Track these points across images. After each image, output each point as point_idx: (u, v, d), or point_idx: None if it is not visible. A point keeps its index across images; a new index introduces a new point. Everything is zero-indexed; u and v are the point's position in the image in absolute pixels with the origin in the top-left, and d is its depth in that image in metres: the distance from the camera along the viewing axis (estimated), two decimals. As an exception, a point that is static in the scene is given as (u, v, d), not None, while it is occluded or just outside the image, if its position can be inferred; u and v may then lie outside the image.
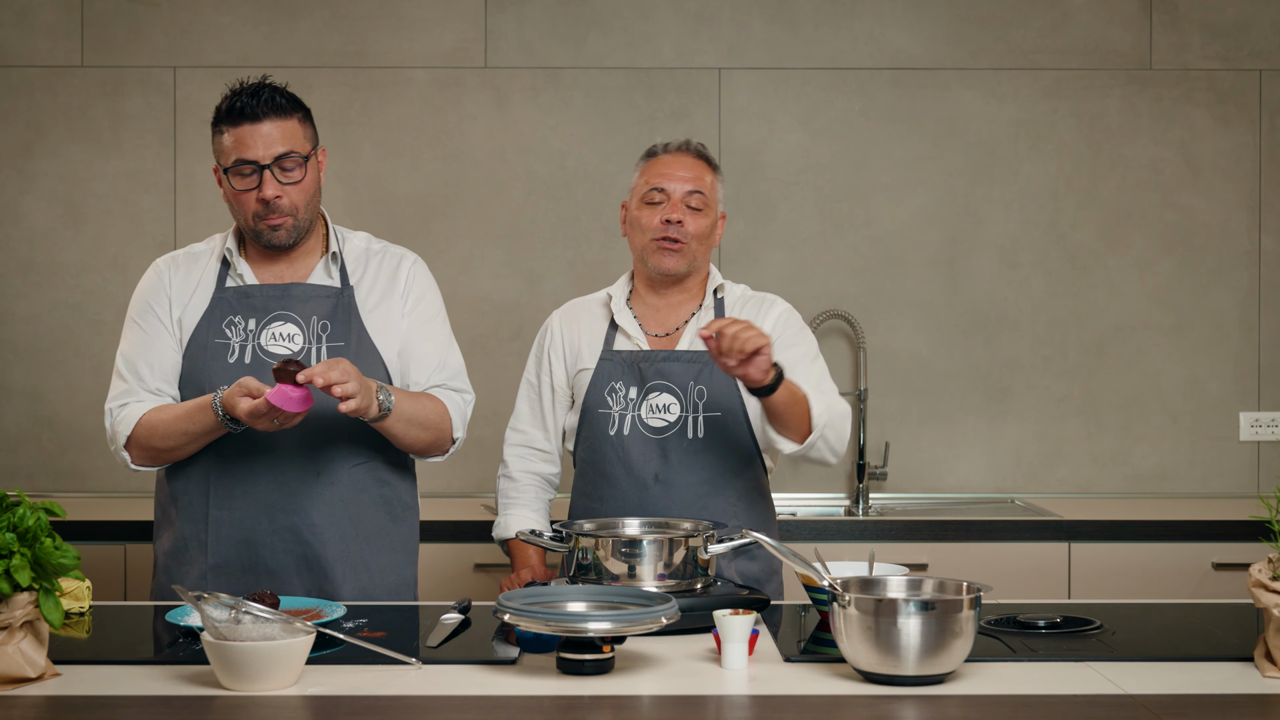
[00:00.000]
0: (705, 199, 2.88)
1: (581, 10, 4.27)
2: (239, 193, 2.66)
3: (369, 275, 2.79)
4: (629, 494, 2.84)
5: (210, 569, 2.68)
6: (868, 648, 2.00)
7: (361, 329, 2.73)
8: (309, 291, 2.73)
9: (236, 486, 2.68)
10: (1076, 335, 4.29)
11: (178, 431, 2.64)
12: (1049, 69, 4.28)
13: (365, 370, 2.66)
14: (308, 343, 2.70)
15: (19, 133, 4.23)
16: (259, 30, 4.23)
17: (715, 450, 2.84)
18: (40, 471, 4.22)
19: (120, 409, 2.71)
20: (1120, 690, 2.01)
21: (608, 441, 2.87)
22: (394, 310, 2.78)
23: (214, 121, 2.69)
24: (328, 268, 2.77)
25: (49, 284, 4.22)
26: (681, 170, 2.89)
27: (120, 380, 2.74)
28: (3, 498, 2.02)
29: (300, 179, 2.68)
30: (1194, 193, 4.29)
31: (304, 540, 2.68)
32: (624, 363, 2.89)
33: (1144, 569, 3.68)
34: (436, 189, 4.25)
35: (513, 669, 2.12)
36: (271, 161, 2.64)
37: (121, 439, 2.70)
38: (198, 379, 2.69)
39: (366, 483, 2.74)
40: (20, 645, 2.00)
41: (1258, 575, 2.08)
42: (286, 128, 2.66)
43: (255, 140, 2.63)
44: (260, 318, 2.71)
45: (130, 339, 2.76)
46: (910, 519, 3.80)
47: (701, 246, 2.89)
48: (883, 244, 4.29)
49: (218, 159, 2.70)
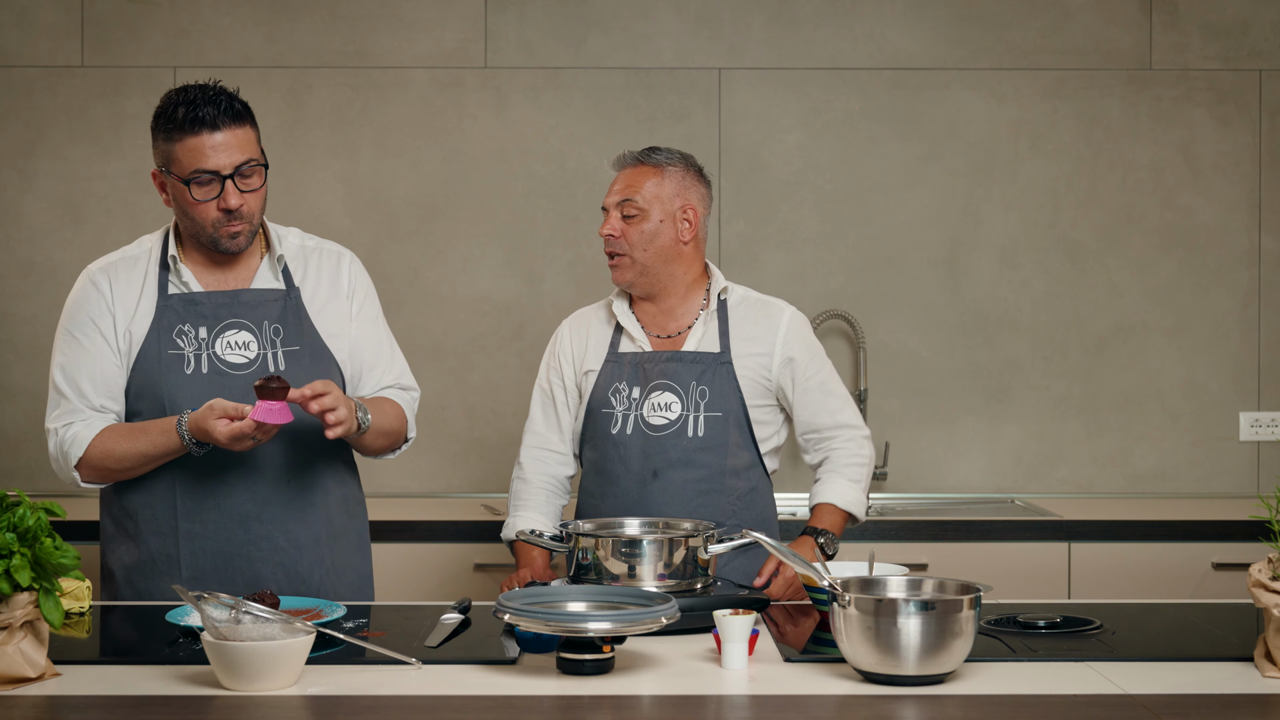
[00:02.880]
0: (637, 204, 2.86)
1: (581, 10, 4.27)
2: (198, 202, 2.60)
3: (311, 275, 2.77)
4: (629, 491, 2.86)
5: (185, 582, 2.63)
6: (868, 648, 2.00)
7: (313, 331, 2.72)
8: (258, 297, 2.70)
9: (207, 499, 2.64)
10: (1076, 335, 4.29)
11: (135, 454, 2.60)
12: (1049, 69, 4.28)
13: (320, 373, 2.67)
14: (262, 349, 2.67)
15: (19, 133, 4.23)
16: (259, 30, 4.23)
17: (715, 450, 2.85)
18: (40, 471, 4.21)
19: (65, 429, 2.65)
20: (1120, 690, 2.01)
21: (609, 440, 2.88)
22: (341, 311, 2.77)
23: (162, 127, 2.61)
24: (273, 269, 2.73)
25: (49, 284, 4.22)
26: (617, 184, 2.91)
27: (61, 397, 2.66)
28: (3, 498, 2.02)
29: (258, 186, 2.65)
30: (1194, 193, 4.29)
31: (281, 548, 2.67)
32: (628, 364, 2.91)
33: (1144, 569, 3.68)
34: (436, 189, 4.25)
35: (513, 669, 2.12)
36: (233, 171, 2.59)
37: (73, 460, 2.64)
38: (154, 391, 2.64)
39: (330, 484, 2.75)
40: (20, 645, 2.00)
41: (1258, 575, 2.08)
42: (242, 135, 2.61)
43: (216, 150, 2.58)
44: (211, 326, 2.66)
45: (68, 353, 2.67)
46: (910, 519, 3.80)
47: (649, 253, 2.87)
48: (883, 244, 4.29)
49: (163, 164, 2.62)
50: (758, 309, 2.94)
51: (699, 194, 2.92)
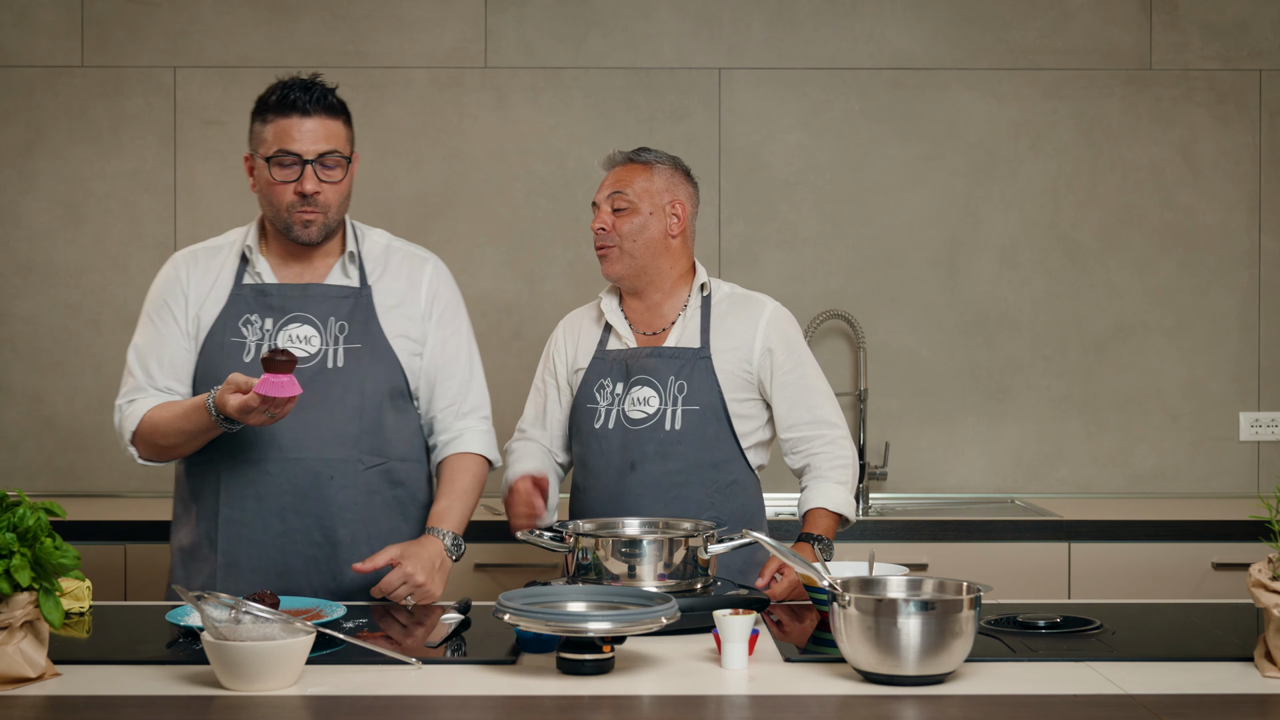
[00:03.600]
0: (627, 197, 2.91)
1: (581, 10, 4.27)
2: (277, 183, 2.67)
3: (388, 275, 2.80)
4: (607, 483, 2.90)
5: (220, 568, 2.67)
6: (868, 648, 2.00)
7: (379, 331, 2.74)
8: (326, 292, 2.73)
9: (249, 487, 2.67)
10: (1076, 335, 4.29)
11: (176, 430, 2.64)
12: (1049, 69, 4.28)
13: (382, 374, 2.71)
14: (325, 344, 2.70)
15: (19, 133, 4.23)
16: (259, 30, 4.23)
17: (692, 442, 2.88)
18: (40, 471, 4.22)
19: (128, 404, 2.72)
20: (1120, 690, 2.01)
21: (592, 434, 2.94)
22: (413, 314, 2.79)
23: (257, 110, 2.70)
24: (345, 267, 2.77)
25: (49, 284, 4.22)
26: (608, 180, 2.96)
27: (130, 376, 2.75)
28: (3, 498, 2.02)
29: (339, 179, 2.70)
30: (1194, 193, 4.29)
31: (315, 543, 2.68)
32: (613, 361, 2.96)
33: (1144, 569, 3.68)
34: (436, 189, 4.25)
35: (513, 669, 2.12)
36: (315, 157, 2.65)
37: (127, 435, 2.71)
38: (213, 377, 2.68)
39: (380, 485, 2.74)
40: (20, 645, 2.00)
41: (1258, 575, 2.08)
42: (332, 127, 2.68)
43: (302, 133, 2.65)
44: (277, 318, 2.71)
45: (144, 334, 2.76)
46: (910, 519, 3.80)
47: (638, 244, 2.92)
48: (883, 244, 4.29)
49: (254, 147, 2.70)
50: (740, 304, 2.98)
51: (686, 192, 2.98)
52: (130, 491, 4.20)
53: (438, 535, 2.68)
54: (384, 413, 2.72)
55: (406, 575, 2.58)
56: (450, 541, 2.68)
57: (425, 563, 2.60)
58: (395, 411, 2.75)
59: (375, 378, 2.70)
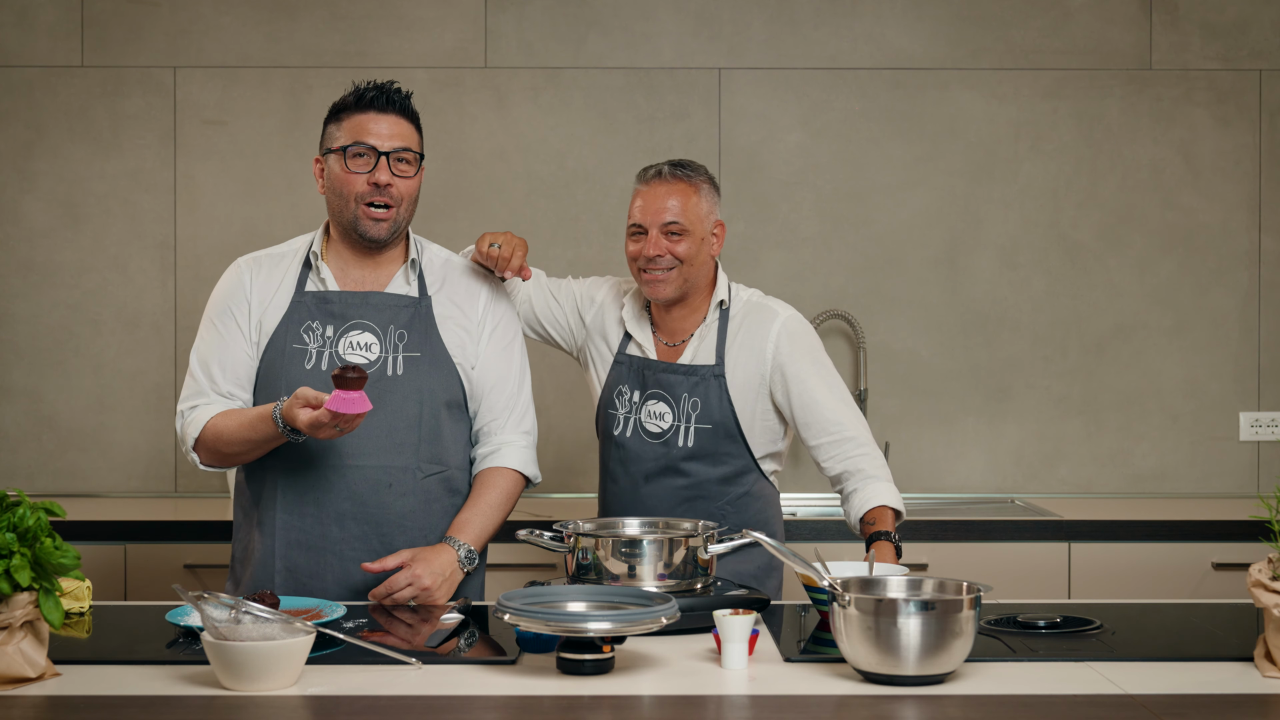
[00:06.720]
0: (683, 224, 2.87)
1: (581, 10, 4.27)
2: (351, 173, 2.69)
3: (448, 286, 2.81)
4: (625, 492, 2.95)
5: (278, 574, 2.68)
6: (868, 648, 2.00)
7: (438, 340, 2.74)
8: (387, 300, 2.74)
9: (308, 494, 2.67)
10: (1076, 335, 4.29)
11: (240, 439, 2.64)
12: (1049, 69, 4.28)
13: (440, 383, 2.71)
14: (384, 352, 2.71)
15: (19, 133, 4.23)
16: (259, 30, 4.23)
17: (703, 459, 2.90)
18: (40, 471, 4.22)
19: (190, 410, 2.72)
20: (1120, 690, 2.01)
21: (612, 441, 2.98)
22: (470, 324, 2.79)
23: (332, 113, 2.74)
24: (407, 275, 2.78)
25: (49, 284, 4.22)
26: (656, 202, 2.88)
27: (192, 381, 2.75)
28: (3, 498, 2.02)
29: (411, 175, 2.73)
30: (1194, 193, 4.29)
31: (373, 550, 2.67)
32: (632, 368, 2.97)
33: (1144, 569, 3.68)
34: (436, 189, 4.25)
35: (513, 669, 2.12)
36: (390, 150, 2.68)
37: (190, 441, 2.71)
38: (274, 383, 2.69)
39: (439, 493, 2.74)
40: (20, 645, 2.00)
41: (1258, 575, 2.08)
42: (407, 128, 2.73)
43: (379, 128, 2.69)
44: (339, 325, 2.71)
45: (206, 339, 2.76)
46: (910, 519, 3.79)
47: (694, 268, 2.90)
48: (882, 244, 4.29)
49: (326, 146, 2.73)
50: (754, 315, 2.95)
51: (718, 207, 2.97)
52: (130, 491, 4.20)
53: (453, 545, 2.67)
54: (442, 421, 2.72)
55: (414, 577, 2.58)
56: (464, 554, 2.67)
57: (435, 569, 2.60)
58: (452, 421, 2.75)
59: (434, 387, 2.71)
